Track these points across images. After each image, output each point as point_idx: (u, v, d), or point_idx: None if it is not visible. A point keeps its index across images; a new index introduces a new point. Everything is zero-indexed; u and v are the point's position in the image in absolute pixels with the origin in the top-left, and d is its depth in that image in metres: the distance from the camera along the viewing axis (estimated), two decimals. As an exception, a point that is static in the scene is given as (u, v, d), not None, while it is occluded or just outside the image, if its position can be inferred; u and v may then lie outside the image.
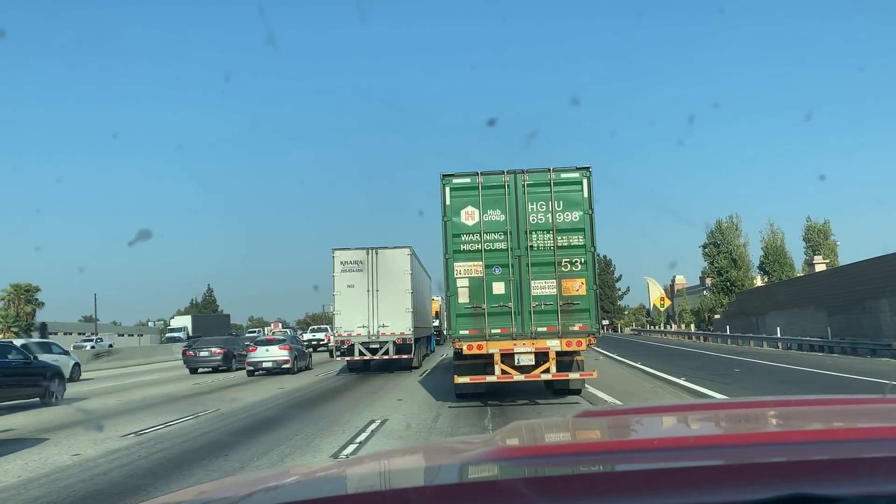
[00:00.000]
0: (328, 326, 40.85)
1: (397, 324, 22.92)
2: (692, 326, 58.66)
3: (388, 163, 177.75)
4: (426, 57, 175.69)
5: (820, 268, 43.13)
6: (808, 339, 33.62)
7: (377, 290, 22.87)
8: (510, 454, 1.51)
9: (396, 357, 23.08)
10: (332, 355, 31.26)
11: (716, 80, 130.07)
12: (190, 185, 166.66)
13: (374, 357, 23.23)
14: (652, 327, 70.28)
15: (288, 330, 50.38)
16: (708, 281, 60.85)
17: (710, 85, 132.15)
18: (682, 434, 1.75)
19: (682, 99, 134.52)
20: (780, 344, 35.92)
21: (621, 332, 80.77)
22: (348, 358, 23.42)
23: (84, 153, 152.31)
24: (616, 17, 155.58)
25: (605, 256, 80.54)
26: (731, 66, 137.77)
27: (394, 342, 22.95)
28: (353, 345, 23.00)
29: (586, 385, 15.29)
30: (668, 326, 64.31)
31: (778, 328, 37.76)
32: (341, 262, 23.12)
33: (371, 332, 22.88)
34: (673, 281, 77.14)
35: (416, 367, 24.58)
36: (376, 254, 23.09)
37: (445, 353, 31.80)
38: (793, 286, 42.49)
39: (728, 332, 44.71)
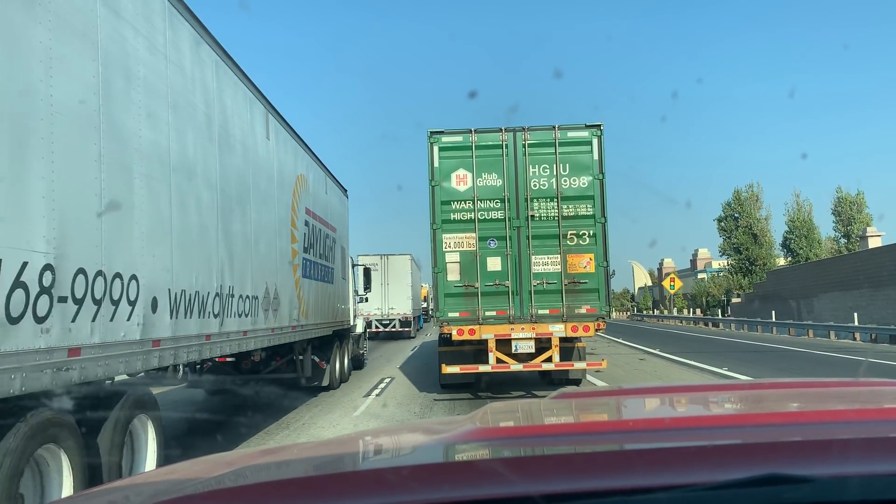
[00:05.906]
0: None
1: (401, 306, 33.13)
2: (698, 311, 54.40)
3: (365, 132, 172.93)
4: (404, 25, 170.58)
5: (874, 241, 36.64)
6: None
7: (388, 284, 32.27)
8: (488, 435, 1.48)
9: (400, 329, 33.34)
10: None
11: (700, 56, 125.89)
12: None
13: (385, 329, 33.19)
14: (654, 312, 62.97)
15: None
16: (715, 264, 57.88)
17: (693, 60, 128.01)
18: (657, 416, 1.77)
19: (665, 73, 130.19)
20: (857, 335, 27.06)
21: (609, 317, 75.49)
22: (368, 330, 33.25)
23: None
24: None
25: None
26: (715, 41, 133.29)
27: (399, 319, 33.31)
28: (371, 320, 30.72)
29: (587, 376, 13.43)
30: (662, 311, 59.37)
31: (855, 314, 28.93)
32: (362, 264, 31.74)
33: (383, 312, 32.80)
34: (661, 264, 73.48)
35: (413, 337, 33.70)
36: (387, 259, 32.80)
37: (432, 328, 33.63)
38: (860, 261, 33.96)
39: (773, 319, 35.92)
